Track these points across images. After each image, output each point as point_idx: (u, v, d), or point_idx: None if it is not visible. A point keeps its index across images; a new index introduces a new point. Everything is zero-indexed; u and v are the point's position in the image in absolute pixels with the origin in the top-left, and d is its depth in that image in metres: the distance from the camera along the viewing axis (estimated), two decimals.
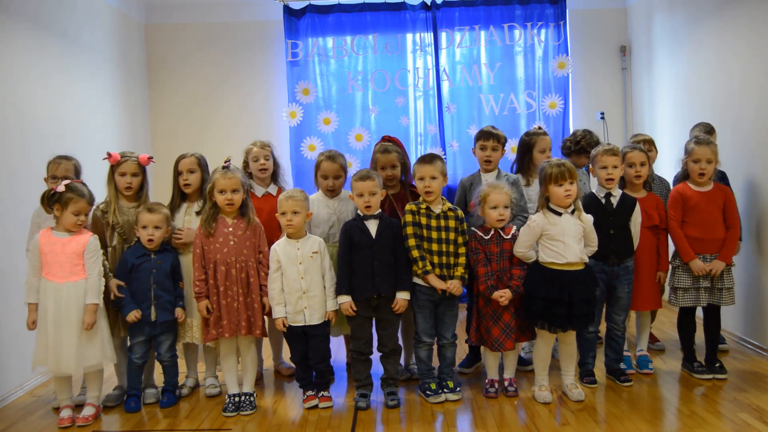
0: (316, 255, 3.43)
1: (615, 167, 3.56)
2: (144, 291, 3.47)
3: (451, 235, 3.49)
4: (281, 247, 3.43)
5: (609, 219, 3.55)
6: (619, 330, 3.68)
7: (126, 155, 3.64)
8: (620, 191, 3.62)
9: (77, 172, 3.68)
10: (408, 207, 3.51)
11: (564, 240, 3.32)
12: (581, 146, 4.25)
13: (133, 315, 3.43)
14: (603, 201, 3.58)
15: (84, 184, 3.43)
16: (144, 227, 3.47)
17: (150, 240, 3.47)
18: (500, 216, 3.43)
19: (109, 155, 3.60)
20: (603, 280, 3.58)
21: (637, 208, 3.61)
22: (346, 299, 3.41)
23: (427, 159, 3.52)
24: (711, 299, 3.68)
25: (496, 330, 3.43)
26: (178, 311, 3.54)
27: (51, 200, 3.34)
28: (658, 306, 3.83)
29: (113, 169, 3.62)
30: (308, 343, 3.47)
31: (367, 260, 3.40)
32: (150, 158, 3.70)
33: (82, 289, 3.32)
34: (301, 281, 3.39)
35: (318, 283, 3.43)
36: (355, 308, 3.41)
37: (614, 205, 3.58)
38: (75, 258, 3.33)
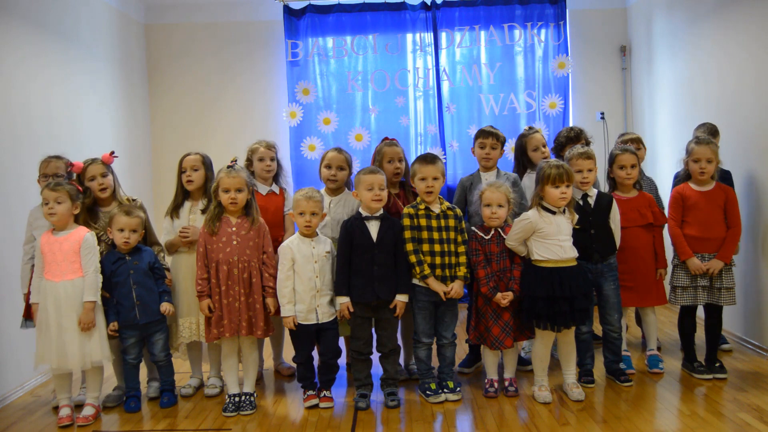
0: (329, 255, 3.45)
1: (590, 170, 3.58)
2: (126, 294, 3.46)
3: (452, 234, 3.49)
4: (296, 245, 3.43)
5: (588, 219, 3.56)
6: (616, 332, 3.67)
7: (88, 160, 3.62)
8: (596, 191, 3.64)
9: (68, 171, 3.67)
10: (406, 210, 3.50)
11: (559, 238, 3.34)
12: (576, 134, 4.22)
13: (110, 329, 3.43)
14: (581, 202, 3.60)
15: (65, 182, 3.42)
16: (121, 230, 3.45)
17: (126, 243, 3.46)
18: (493, 214, 3.44)
19: (72, 165, 3.59)
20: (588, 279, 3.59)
21: (615, 206, 3.63)
22: (344, 300, 3.41)
23: (429, 159, 3.52)
24: (710, 299, 3.68)
25: (496, 329, 3.44)
26: (164, 306, 3.53)
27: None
28: (663, 302, 3.82)
29: (81, 177, 3.60)
30: (319, 339, 3.48)
31: (367, 263, 3.39)
32: (112, 154, 3.68)
33: (79, 287, 3.33)
34: (316, 280, 3.40)
35: (329, 283, 3.45)
36: (352, 309, 3.41)
37: (591, 206, 3.59)
38: (72, 256, 3.33)
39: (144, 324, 3.49)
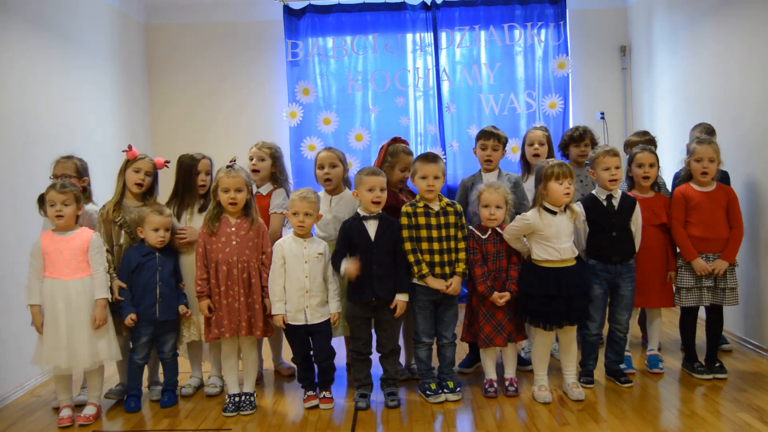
0: (321, 256, 3.44)
1: (617, 168, 3.56)
2: (150, 288, 3.48)
3: (452, 231, 3.49)
4: (288, 244, 3.43)
5: (612, 221, 3.55)
6: (623, 331, 3.66)
7: (143, 155, 3.66)
8: (620, 192, 3.63)
9: (79, 171, 3.68)
10: (404, 209, 3.50)
11: (557, 240, 3.34)
12: (580, 134, 4.22)
13: (129, 318, 3.44)
14: (605, 203, 3.58)
15: (73, 183, 3.43)
16: (156, 230, 3.48)
17: (162, 241, 3.50)
18: (491, 215, 3.44)
19: (130, 148, 3.61)
20: (606, 279, 3.58)
21: (637, 208, 3.61)
22: (345, 265, 3.36)
23: (431, 158, 3.51)
24: (714, 299, 3.68)
25: (488, 327, 3.44)
26: (182, 308, 3.56)
27: (40, 203, 3.41)
28: (670, 304, 3.81)
29: (127, 164, 3.62)
30: (311, 341, 3.47)
31: (366, 262, 3.38)
32: (166, 163, 3.73)
33: (88, 286, 3.35)
34: (305, 280, 3.39)
35: (320, 285, 3.43)
36: (358, 265, 3.35)
37: (616, 207, 3.58)
38: (80, 255, 3.35)
39: (161, 321, 3.51)
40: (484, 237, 3.48)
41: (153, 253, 3.51)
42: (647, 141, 4.16)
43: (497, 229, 3.48)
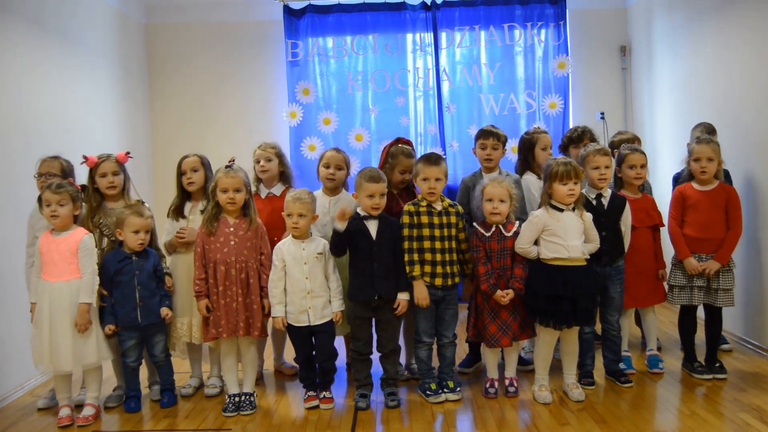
0: (321, 256, 3.43)
1: (607, 167, 3.56)
2: (129, 294, 3.45)
3: (453, 231, 3.49)
4: (286, 247, 3.43)
5: (601, 220, 3.53)
6: (615, 330, 3.67)
7: (103, 156, 3.63)
8: (610, 191, 3.62)
9: (64, 171, 3.65)
10: (406, 207, 3.50)
11: (565, 236, 3.33)
12: (578, 134, 4.22)
13: (108, 329, 3.42)
14: (594, 202, 3.58)
15: (70, 183, 3.42)
16: (136, 232, 3.46)
17: (141, 244, 3.47)
18: (494, 209, 3.43)
19: (86, 158, 3.59)
20: None
21: (627, 208, 3.61)
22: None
23: (433, 160, 3.50)
24: (707, 299, 3.67)
25: (492, 326, 3.44)
26: (164, 310, 3.53)
27: (40, 203, 3.40)
28: (662, 300, 3.81)
29: (92, 172, 3.60)
30: (314, 341, 3.47)
31: (367, 261, 3.39)
32: (127, 154, 3.70)
33: (75, 289, 3.32)
34: (305, 281, 3.39)
35: (322, 284, 3.43)
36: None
37: (605, 206, 3.58)
38: (69, 256, 3.32)
39: (145, 326, 3.49)
40: (487, 234, 3.47)
41: (129, 258, 3.47)
42: (635, 138, 4.16)
43: (501, 227, 3.48)
